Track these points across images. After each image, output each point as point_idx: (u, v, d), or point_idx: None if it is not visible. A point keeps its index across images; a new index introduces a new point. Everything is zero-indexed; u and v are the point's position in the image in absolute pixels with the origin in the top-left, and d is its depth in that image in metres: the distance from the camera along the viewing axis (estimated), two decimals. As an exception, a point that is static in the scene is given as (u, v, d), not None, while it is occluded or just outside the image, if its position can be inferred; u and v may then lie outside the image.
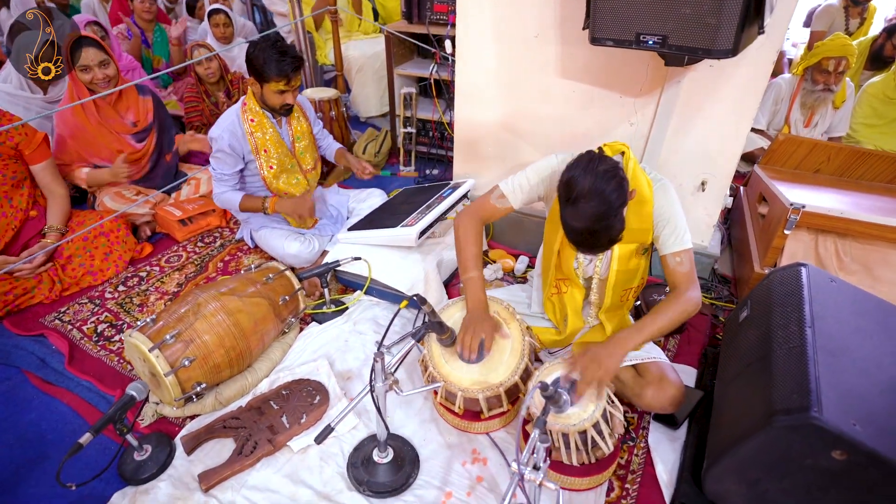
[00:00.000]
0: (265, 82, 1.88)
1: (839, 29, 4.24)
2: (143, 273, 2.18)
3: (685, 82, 1.73)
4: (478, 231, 1.55)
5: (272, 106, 1.97)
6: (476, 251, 1.52)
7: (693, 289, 1.40)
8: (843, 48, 2.72)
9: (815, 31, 4.40)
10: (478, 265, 1.51)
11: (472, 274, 1.49)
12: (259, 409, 1.55)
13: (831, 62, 2.76)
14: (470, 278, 1.49)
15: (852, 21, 4.22)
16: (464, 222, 1.55)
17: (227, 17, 3.41)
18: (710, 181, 1.87)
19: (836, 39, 2.77)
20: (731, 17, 1.13)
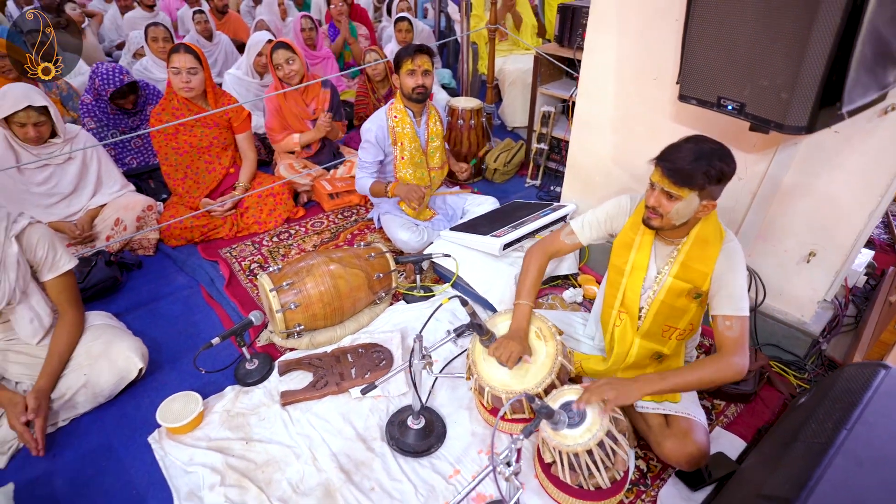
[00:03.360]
0: (399, 70, 2.29)
1: None
2: (292, 231, 2.75)
3: (803, 146, 1.63)
4: (541, 264, 1.69)
5: (407, 93, 2.32)
6: (532, 282, 1.67)
7: (739, 355, 1.38)
8: None
9: None
10: (529, 295, 1.65)
11: (522, 301, 1.64)
12: (338, 357, 1.92)
13: None
14: (518, 304, 1.65)
15: None
16: (531, 254, 1.71)
17: (409, 23, 3.91)
18: (819, 253, 1.72)
19: None
20: (806, 95, 1.11)
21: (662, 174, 1.34)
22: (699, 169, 1.28)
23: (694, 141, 1.33)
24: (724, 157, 1.31)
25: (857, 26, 1.01)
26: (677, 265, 1.48)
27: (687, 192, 1.33)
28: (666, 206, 1.37)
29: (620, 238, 1.60)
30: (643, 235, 1.54)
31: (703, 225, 1.45)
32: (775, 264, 1.84)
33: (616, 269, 1.62)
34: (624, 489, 1.49)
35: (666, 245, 1.52)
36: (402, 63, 2.29)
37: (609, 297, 1.67)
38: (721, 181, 1.33)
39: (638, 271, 1.56)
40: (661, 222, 1.42)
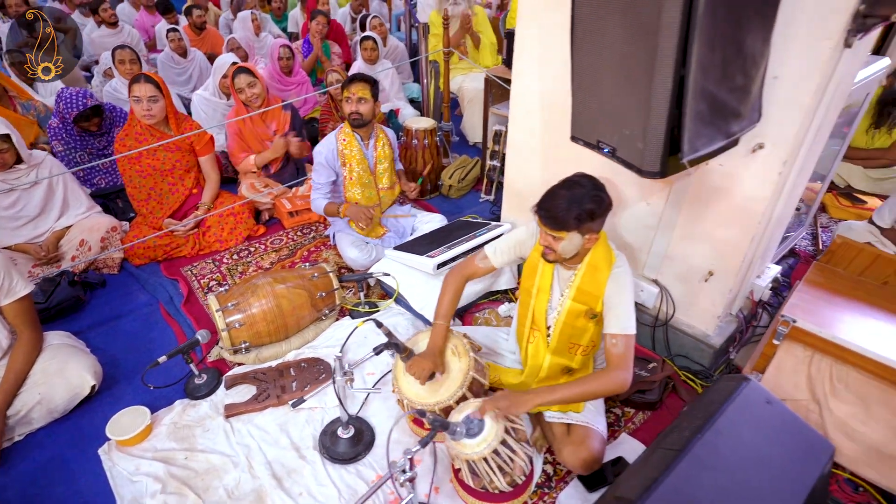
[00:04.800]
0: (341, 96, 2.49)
1: None
2: (252, 248, 2.89)
3: (696, 176, 1.79)
4: (457, 287, 1.84)
5: (346, 118, 2.49)
6: (448, 303, 1.81)
7: (622, 370, 1.54)
8: None
9: None
10: (445, 316, 1.79)
11: (438, 322, 1.79)
12: (281, 371, 2.07)
13: None
14: (435, 325, 1.79)
15: None
16: (449, 277, 1.86)
17: (374, 42, 4.05)
18: (716, 273, 1.88)
19: None
20: (655, 145, 1.26)
21: (541, 221, 1.50)
22: (571, 214, 1.44)
23: (568, 186, 1.48)
24: (595, 197, 1.46)
25: (684, 90, 1.17)
26: (574, 289, 1.63)
27: (566, 233, 1.48)
28: (554, 244, 1.53)
29: (528, 262, 1.76)
30: (543, 266, 1.69)
31: (594, 253, 1.60)
32: (682, 282, 1.99)
33: (525, 291, 1.78)
34: (527, 491, 1.64)
35: (566, 270, 1.67)
36: (342, 90, 2.46)
37: (521, 315, 1.83)
38: (595, 218, 1.48)
39: (543, 293, 1.72)
40: (555, 257, 1.58)
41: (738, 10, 1.17)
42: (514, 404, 1.51)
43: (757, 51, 1.26)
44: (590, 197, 1.47)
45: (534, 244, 1.75)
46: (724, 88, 1.26)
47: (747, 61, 1.26)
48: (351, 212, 2.55)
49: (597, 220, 1.50)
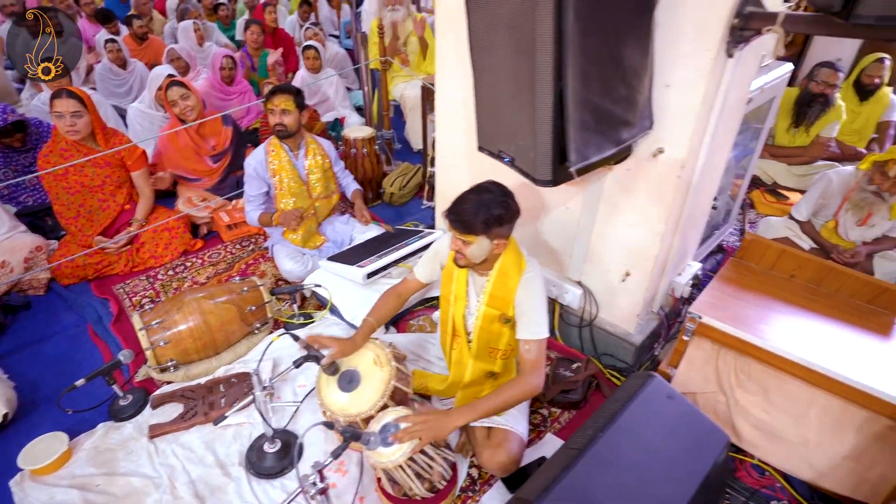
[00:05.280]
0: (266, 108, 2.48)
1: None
2: (189, 263, 2.85)
3: (608, 180, 1.85)
4: (387, 299, 1.86)
5: (271, 128, 2.47)
6: (382, 309, 1.84)
7: (535, 376, 1.58)
8: None
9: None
10: (377, 318, 1.82)
11: (369, 319, 1.81)
12: (210, 388, 2.04)
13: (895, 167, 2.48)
14: (366, 321, 1.81)
15: None
16: (386, 293, 1.88)
17: (316, 51, 4.05)
18: (633, 273, 1.95)
19: None
20: (545, 155, 1.31)
21: (450, 225, 1.53)
22: (479, 218, 1.48)
23: (476, 191, 1.53)
24: (503, 203, 1.51)
25: (565, 102, 1.22)
26: (487, 295, 1.67)
27: (474, 237, 1.52)
28: (463, 249, 1.57)
29: (445, 271, 1.79)
30: (456, 272, 1.72)
31: (504, 259, 1.64)
32: (603, 283, 2.06)
33: (444, 299, 1.81)
34: (450, 496, 1.67)
35: (480, 276, 1.71)
36: (266, 102, 2.45)
37: (443, 323, 1.86)
38: (503, 224, 1.52)
39: (460, 301, 1.75)
40: (466, 262, 1.61)
41: (611, 27, 1.23)
42: (433, 433, 1.50)
43: (636, 63, 1.33)
44: (498, 202, 1.51)
45: (449, 252, 1.78)
46: (608, 99, 1.32)
47: (627, 73, 1.32)
48: (282, 218, 2.55)
49: (504, 225, 1.54)
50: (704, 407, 1.81)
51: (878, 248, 2.72)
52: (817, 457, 1.61)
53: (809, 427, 1.62)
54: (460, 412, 1.56)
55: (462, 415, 1.55)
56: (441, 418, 1.54)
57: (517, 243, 1.69)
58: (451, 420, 1.54)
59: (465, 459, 1.81)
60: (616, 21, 1.23)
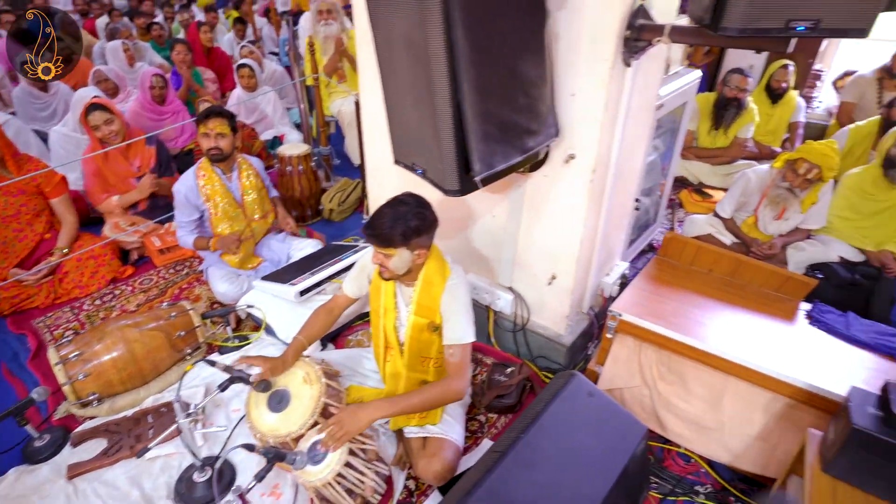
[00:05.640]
0: (198, 131, 2.41)
1: (871, 102, 3.96)
2: (118, 291, 2.73)
3: (528, 187, 1.91)
4: (318, 316, 1.84)
5: (205, 153, 2.42)
6: (312, 327, 1.82)
7: (458, 379, 1.61)
8: (823, 157, 2.59)
9: (844, 101, 4.14)
10: (307, 336, 1.80)
11: (299, 337, 1.79)
12: (138, 420, 1.96)
13: (804, 165, 2.65)
14: (296, 338, 1.79)
15: (887, 94, 3.90)
16: (314, 313, 1.87)
17: (250, 70, 4.00)
18: (558, 276, 2.01)
19: (821, 147, 2.63)
20: (451, 166, 1.34)
21: (369, 240, 1.55)
22: (396, 231, 1.50)
23: (392, 205, 1.55)
24: (419, 214, 1.53)
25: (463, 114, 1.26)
26: (414, 304, 1.69)
27: (394, 249, 1.53)
28: (385, 262, 1.58)
29: (372, 284, 1.80)
30: (384, 285, 1.74)
31: (428, 267, 1.67)
32: (532, 287, 2.11)
33: (374, 312, 1.81)
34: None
35: (407, 287, 1.73)
36: (198, 125, 2.40)
37: (375, 336, 1.86)
38: (422, 234, 1.55)
39: (389, 312, 1.76)
40: (390, 274, 1.62)
41: (504, 41, 1.28)
42: (349, 428, 1.51)
43: (534, 75, 1.38)
44: (413, 214, 1.53)
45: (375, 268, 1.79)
46: (509, 109, 1.37)
47: (526, 84, 1.38)
48: (220, 243, 2.49)
49: (423, 235, 1.57)
50: (631, 401, 1.88)
51: (792, 239, 2.90)
52: (732, 440, 1.70)
53: (723, 412, 1.70)
54: (377, 404, 1.57)
55: (378, 407, 1.56)
56: (356, 410, 1.55)
57: (440, 252, 1.72)
58: (366, 412, 1.54)
59: (402, 472, 1.80)
60: (508, 35, 1.28)
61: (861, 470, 1.22)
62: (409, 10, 1.22)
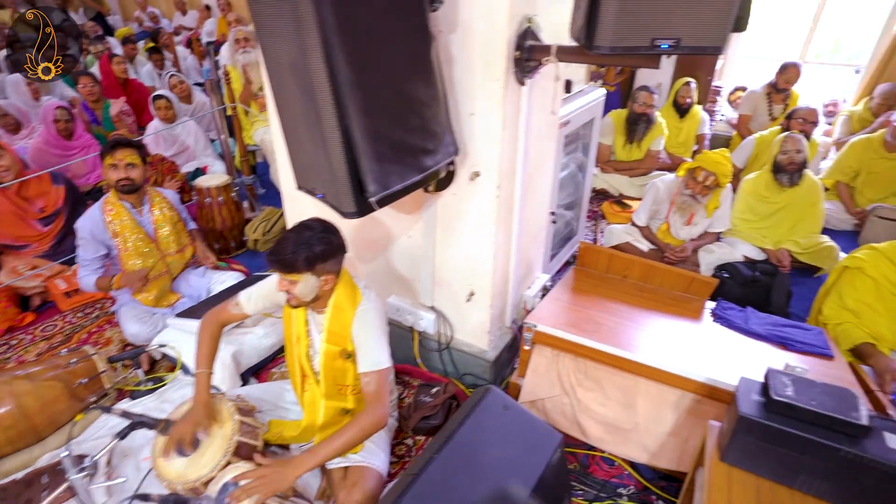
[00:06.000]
0: (104, 163, 2.30)
1: (763, 114, 4.32)
2: (14, 341, 2.52)
3: (438, 206, 1.93)
4: (213, 333, 1.76)
5: (113, 186, 2.30)
6: (207, 351, 1.73)
7: (377, 408, 1.57)
8: (716, 165, 2.79)
9: (741, 114, 4.49)
10: (207, 363, 1.71)
11: (200, 371, 1.70)
12: (29, 482, 1.79)
13: (702, 173, 2.84)
14: (198, 374, 1.70)
15: (775, 107, 4.28)
16: (203, 323, 1.77)
17: (167, 101, 3.87)
18: (476, 292, 2.03)
19: (714, 155, 2.83)
20: (346, 188, 1.34)
21: (272, 265, 1.51)
22: (299, 257, 1.47)
23: (296, 230, 1.52)
24: (324, 239, 1.51)
25: (352, 136, 1.26)
26: (325, 332, 1.65)
27: (299, 275, 1.50)
28: (291, 288, 1.54)
29: (285, 312, 1.75)
30: (295, 313, 1.69)
31: (338, 293, 1.64)
32: (453, 304, 2.12)
33: (288, 341, 1.76)
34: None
35: (318, 314, 1.69)
36: (104, 158, 2.29)
37: (290, 366, 1.80)
38: (327, 259, 1.52)
39: (302, 340, 1.72)
40: (297, 301, 1.58)
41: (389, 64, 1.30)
42: (272, 486, 1.43)
43: (424, 96, 1.41)
44: (318, 239, 1.51)
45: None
46: (401, 130, 1.39)
47: (416, 105, 1.40)
48: (123, 281, 2.35)
49: (329, 261, 1.54)
50: (553, 411, 1.91)
51: (702, 242, 3.08)
52: (647, 439, 1.75)
53: (638, 413, 1.76)
54: (301, 459, 1.50)
55: (303, 462, 1.49)
56: (281, 469, 1.47)
57: (351, 277, 1.70)
58: (291, 469, 1.47)
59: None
60: (394, 59, 1.31)
61: (750, 455, 1.28)
62: (290, 39, 1.22)
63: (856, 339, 1.92)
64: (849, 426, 1.19)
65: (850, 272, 2.06)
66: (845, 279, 2.06)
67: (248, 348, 2.25)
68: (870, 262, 2.00)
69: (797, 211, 3.07)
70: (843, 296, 2.04)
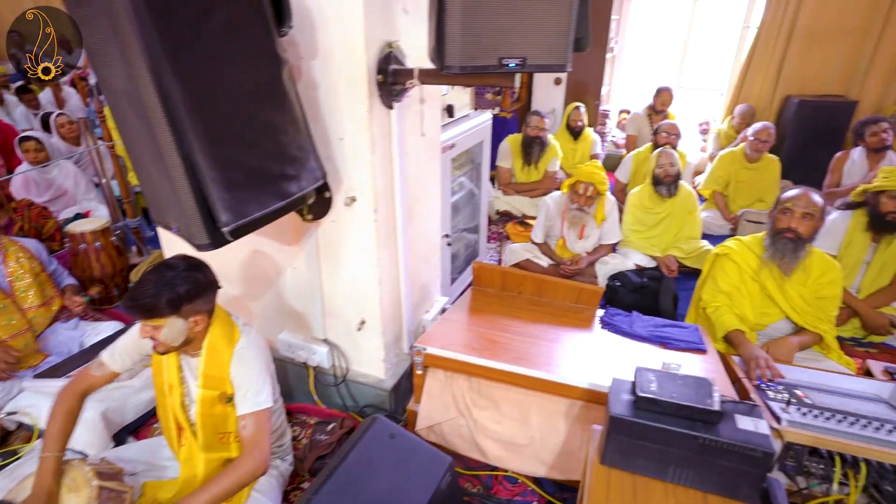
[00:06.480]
0: None
1: (647, 134, 4.67)
2: None
3: (319, 234, 1.88)
4: (69, 407, 1.56)
5: None
6: (59, 429, 1.52)
7: (254, 454, 1.45)
8: (591, 175, 2.97)
9: (628, 135, 4.84)
10: (56, 445, 1.49)
11: (46, 454, 1.48)
12: None
13: (581, 186, 3.01)
14: (43, 458, 1.48)
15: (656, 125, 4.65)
16: (59, 397, 1.57)
17: (37, 142, 3.56)
18: (368, 321, 1.98)
19: (587, 167, 3.02)
20: (194, 218, 1.26)
21: (130, 312, 1.38)
22: (161, 299, 1.35)
23: (156, 270, 1.40)
24: (189, 278, 1.40)
25: (196, 164, 1.20)
26: (201, 376, 1.52)
27: (162, 319, 1.38)
28: (155, 334, 1.41)
29: (154, 360, 1.60)
30: (165, 359, 1.56)
31: (213, 333, 1.52)
32: (346, 335, 2.05)
33: (159, 391, 1.61)
34: None
35: (192, 358, 1.56)
36: None
37: (164, 418, 1.64)
38: (194, 299, 1.42)
39: (175, 389, 1.57)
40: (165, 347, 1.45)
41: (233, 89, 1.26)
42: None
43: (279, 121, 1.38)
44: (182, 278, 1.40)
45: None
46: (256, 156, 1.34)
47: (271, 130, 1.36)
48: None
49: (197, 300, 1.44)
50: (451, 434, 1.87)
51: (597, 256, 3.23)
52: (543, 452, 1.75)
53: (532, 427, 1.76)
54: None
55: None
56: None
57: (227, 314, 1.59)
58: None
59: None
60: (239, 84, 1.26)
61: (625, 454, 1.31)
62: (119, 65, 1.15)
63: (728, 327, 2.07)
64: (704, 413, 1.25)
65: (721, 259, 2.25)
66: (717, 265, 2.25)
67: (122, 404, 2.04)
68: (735, 250, 2.20)
69: (678, 219, 3.31)
70: (717, 280, 2.22)
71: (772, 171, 3.90)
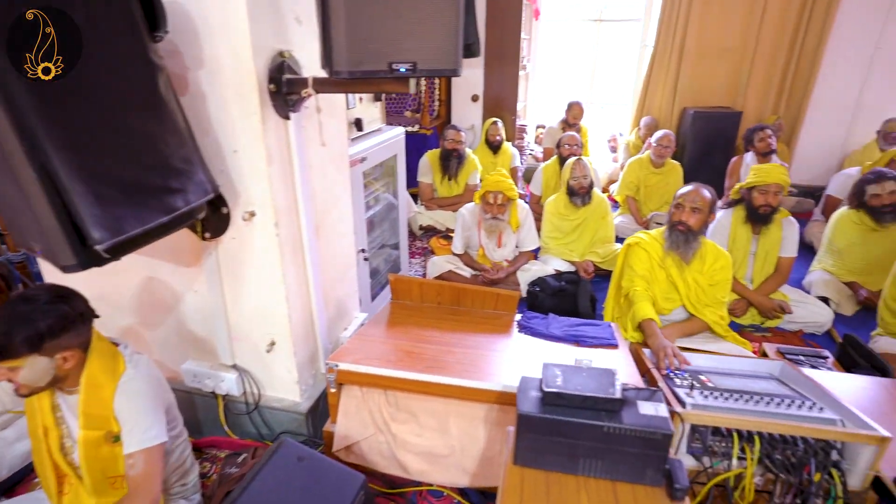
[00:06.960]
0: None
1: (562, 146, 4.87)
2: None
3: (219, 252, 1.78)
4: None
5: None
6: None
7: (140, 495, 1.32)
8: (497, 184, 3.04)
9: (545, 148, 5.04)
10: None
11: None
12: None
13: (490, 195, 3.07)
14: None
15: (569, 138, 4.88)
16: None
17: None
18: (277, 342, 1.88)
19: (494, 176, 3.09)
20: (57, 237, 1.15)
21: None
22: (14, 338, 1.20)
23: (13, 304, 1.25)
24: (52, 311, 1.25)
25: (57, 178, 1.09)
26: (81, 416, 1.36)
27: (19, 360, 1.23)
28: (12, 376, 1.26)
29: (25, 402, 1.43)
30: (38, 398, 1.39)
31: (91, 367, 1.37)
32: (255, 359, 1.94)
33: (33, 435, 1.44)
34: None
35: (69, 396, 1.40)
36: None
37: (40, 466, 1.46)
38: (62, 334, 1.27)
39: (52, 431, 1.41)
40: (28, 390, 1.30)
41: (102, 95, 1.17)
42: None
43: (158, 132, 1.29)
44: (43, 311, 1.24)
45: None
46: (133, 168, 1.24)
47: (150, 141, 1.27)
48: None
49: (66, 334, 1.29)
50: (370, 451, 1.80)
51: (518, 264, 3.29)
52: (465, 460, 1.72)
53: (453, 436, 1.73)
54: None
55: None
56: None
57: (110, 344, 1.44)
58: None
59: None
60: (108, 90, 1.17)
61: (536, 452, 1.30)
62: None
63: (642, 315, 2.20)
64: (607, 402, 1.27)
65: (633, 247, 2.44)
66: (631, 253, 2.45)
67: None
68: (644, 240, 2.43)
69: (592, 224, 3.46)
70: (633, 266, 2.41)
71: (675, 175, 4.19)
